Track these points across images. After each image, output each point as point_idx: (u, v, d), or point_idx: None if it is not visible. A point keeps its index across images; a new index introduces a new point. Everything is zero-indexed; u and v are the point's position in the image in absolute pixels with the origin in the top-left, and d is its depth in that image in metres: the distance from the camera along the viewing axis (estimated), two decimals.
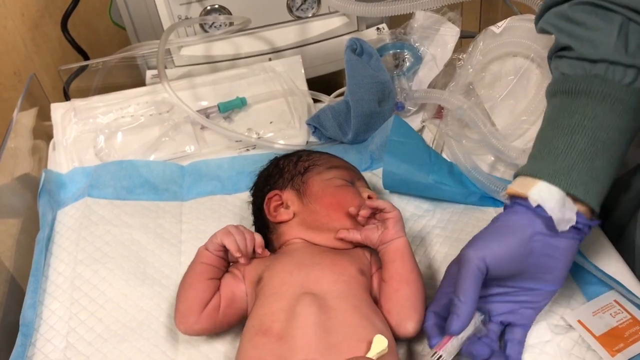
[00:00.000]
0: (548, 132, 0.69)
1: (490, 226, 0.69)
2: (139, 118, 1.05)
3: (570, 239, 0.67)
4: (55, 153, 1.03)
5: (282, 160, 0.88)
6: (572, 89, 0.68)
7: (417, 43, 1.07)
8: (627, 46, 0.66)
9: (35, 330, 0.77)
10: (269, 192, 0.83)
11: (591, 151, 0.65)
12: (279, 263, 0.75)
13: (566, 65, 0.70)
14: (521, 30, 0.95)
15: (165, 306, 0.80)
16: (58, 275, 0.83)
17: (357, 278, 0.73)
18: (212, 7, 1.12)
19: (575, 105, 0.67)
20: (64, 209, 0.91)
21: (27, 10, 1.33)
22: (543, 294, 0.69)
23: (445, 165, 0.93)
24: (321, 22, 1.18)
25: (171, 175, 0.99)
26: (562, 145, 0.66)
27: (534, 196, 0.65)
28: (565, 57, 0.71)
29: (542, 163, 0.67)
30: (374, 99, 1.00)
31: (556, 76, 0.73)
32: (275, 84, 1.11)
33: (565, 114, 0.68)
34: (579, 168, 0.65)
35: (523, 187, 0.67)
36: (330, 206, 0.79)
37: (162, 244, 0.87)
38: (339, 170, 0.85)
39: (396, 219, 0.75)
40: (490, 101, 0.96)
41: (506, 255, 0.65)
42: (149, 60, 1.16)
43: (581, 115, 0.66)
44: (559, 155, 0.66)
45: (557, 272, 0.68)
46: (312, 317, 0.66)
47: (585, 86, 0.67)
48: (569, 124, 0.67)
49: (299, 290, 0.69)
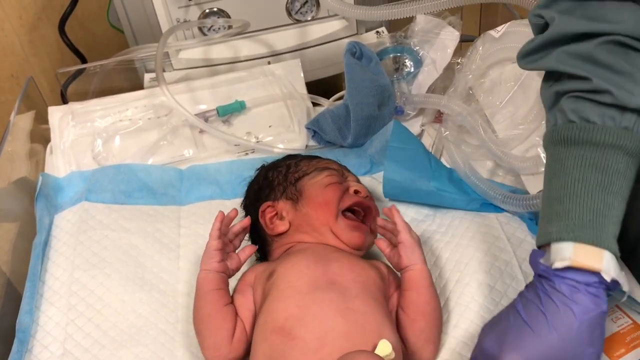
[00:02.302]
0: (578, 188, 0.61)
1: (534, 314, 0.60)
2: (137, 122, 1.05)
3: None
4: (53, 157, 1.02)
5: (271, 172, 0.87)
6: (604, 142, 0.61)
7: (417, 47, 1.07)
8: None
9: (32, 336, 0.76)
10: (261, 205, 0.83)
11: (621, 211, 0.61)
12: (294, 258, 0.74)
13: (593, 111, 0.61)
14: (521, 35, 0.94)
15: (164, 312, 0.79)
16: (55, 281, 0.82)
17: (375, 281, 0.72)
18: (211, 10, 1.12)
19: (606, 162, 0.61)
20: (61, 214, 0.91)
21: (25, 12, 1.32)
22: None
23: (446, 172, 0.92)
24: (320, 25, 1.18)
25: (169, 180, 0.98)
26: (601, 205, 0.60)
27: (611, 271, 0.58)
28: (591, 100, 0.61)
29: (605, 231, 0.60)
30: (373, 103, 1.00)
31: (574, 119, 0.62)
32: (275, 88, 1.11)
33: (597, 170, 0.61)
34: (615, 230, 0.61)
35: (590, 258, 0.59)
36: (319, 207, 0.79)
37: (161, 248, 0.87)
38: (328, 171, 0.84)
39: (407, 245, 0.73)
40: (490, 108, 0.96)
41: (557, 354, 0.59)
42: (147, 63, 1.15)
43: (615, 173, 0.60)
44: (608, 218, 0.60)
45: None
46: (332, 310, 0.65)
47: (616, 140, 0.60)
48: (601, 183, 0.60)
49: (317, 284, 0.68)
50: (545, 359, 0.59)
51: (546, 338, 0.59)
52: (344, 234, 0.78)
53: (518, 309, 0.62)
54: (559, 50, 0.63)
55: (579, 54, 0.62)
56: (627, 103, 0.59)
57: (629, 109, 0.60)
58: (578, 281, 0.59)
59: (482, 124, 0.92)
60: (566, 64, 0.63)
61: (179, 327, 0.78)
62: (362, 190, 0.83)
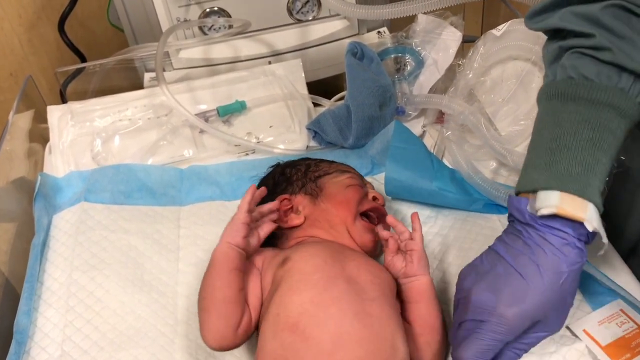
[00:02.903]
0: (569, 140, 0.63)
1: (525, 264, 0.62)
2: (137, 121, 1.04)
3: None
4: (52, 156, 1.01)
5: (289, 169, 0.87)
6: (599, 99, 0.63)
7: (418, 47, 1.06)
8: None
9: (30, 338, 0.75)
10: (276, 198, 0.82)
11: (608, 168, 0.63)
12: (310, 248, 0.72)
13: (592, 68, 0.64)
14: (522, 33, 0.94)
15: (163, 314, 0.78)
16: (53, 282, 0.81)
17: (390, 285, 0.71)
18: (212, 10, 1.11)
19: (599, 119, 0.63)
20: (60, 214, 0.90)
21: (24, 11, 1.32)
22: (538, 339, 0.64)
23: (448, 172, 0.92)
24: (321, 25, 1.17)
25: (169, 180, 0.97)
26: (590, 159, 0.62)
27: (594, 222, 0.60)
28: (592, 57, 0.64)
29: (589, 181, 0.61)
30: (374, 104, 0.99)
31: (573, 75, 0.65)
32: (275, 88, 1.10)
33: (589, 126, 0.63)
34: (600, 185, 0.62)
35: (576, 208, 0.61)
36: (339, 204, 0.79)
37: (160, 250, 0.86)
38: (350, 174, 0.85)
39: (422, 254, 0.72)
40: (492, 106, 0.96)
41: (546, 304, 0.61)
42: (147, 62, 1.15)
43: (606, 131, 0.62)
44: (595, 172, 0.62)
45: (566, 311, 0.63)
46: (350, 312, 0.63)
47: (611, 99, 0.62)
48: (592, 138, 0.62)
49: (334, 281, 0.66)
50: (538, 308, 0.61)
51: (540, 288, 0.60)
52: (359, 235, 0.78)
53: (506, 259, 0.64)
54: (565, 10, 0.66)
55: (585, 14, 0.64)
56: (625, 64, 0.62)
57: (627, 70, 0.62)
58: (566, 232, 0.61)
59: (484, 122, 0.92)
60: (572, 23, 0.65)
61: (179, 329, 0.77)
62: (380, 198, 0.84)
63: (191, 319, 0.78)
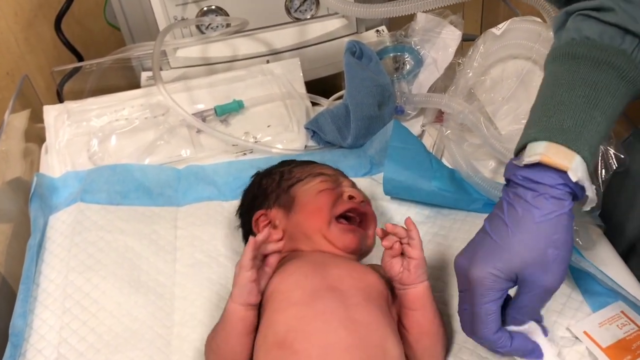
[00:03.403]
0: (565, 96, 0.62)
1: (497, 225, 0.61)
2: (134, 121, 1.03)
3: None
4: (48, 156, 1.01)
5: (265, 179, 0.85)
6: (599, 58, 0.62)
7: (417, 46, 1.06)
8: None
9: (25, 340, 0.75)
10: (254, 214, 0.81)
11: (604, 128, 0.62)
12: (289, 267, 0.71)
13: (594, 29, 0.63)
14: (522, 31, 0.94)
15: (160, 315, 0.78)
16: (49, 283, 0.81)
17: (376, 286, 0.70)
18: (209, 8, 1.11)
19: (597, 78, 0.62)
20: (56, 214, 0.89)
21: (21, 9, 1.31)
22: (531, 299, 0.63)
23: (447, 172, 0.91)
24: (320, 24, 1.17)
25: (166, 180, 0.97)
26: (584, 115, 0.61)
27: (579, 173, 0.59)
28: (595, 18, 0.64)
29: (573, 133, 0.60)
30: (373, 103, 0.99)
31: (575, 36, 0.65)
32: (273, 87, 1.10)
33: (586, 84, 0.62)
34: (593, 142, 0.61)
35: (560, 157, 0.60)
36: (311, 214, 0.77)
37: (157, 250, 0.85)
38: (322, 177, 0.82)
39: (420, 262, 0.69)
40: (492, 104, 0.95)
41: (520, 259, 0.60)
42: (144, 61, 1.14)
43: (603, 90, 0.61)
44: (588, 128, 0.61)
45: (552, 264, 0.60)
46: (335, 321, 0.63)
47: (611, 59, 0.62)
48: (587, 95, 0.61)
49: (316, 294, 0.66)
50: (512, 266, 0.60)
51: (509, 246, 0.60)
52: (338, 239, 0.75)
53: (485, 225, 0.64)
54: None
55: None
56: (629, 26, 0.61)
57: (631, 32, 0.61)
58: (542, 183, 0.59)
59: (484, 121, 0.91)
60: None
61: (175, 331, 0.77)
62: (357, 195, 0.80)
63: (188, 321, 0.77)
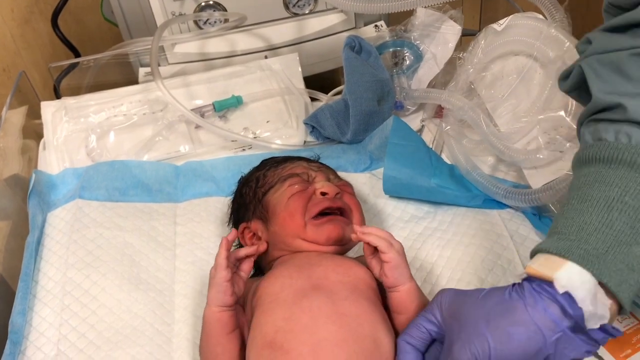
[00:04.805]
0: (578, 204, 0.56)
1: (493, 310, 0.55)
2: (132, 117, 1.03)
3: (583, 355, 0.53)
4: (46, 153, 1.00)
5: (245, 188, 0.84)
6: (612, 156, 0.56)
7: (417, 41, 1.05)
8: None
9: (25, 337, 0.75)
10: (238, 226, 0.80)
11: (630, 234, 0.53)
12: (275, 271, 0.71)
13: (607, 130, 0.58)
14: (524, 28, 0.93)
15: (160, 312, 0.78)
16: (48, 280, 0.80)
17: (364, 279, 0.69)
18: (207, 3, 1.10)
19: (614, 177, 0.55)
20: (55, 211, 0.89)
21: (17, 5, 1.30)
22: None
23: (447, 168, 0.91)
24: (318, 19, 1.16)
25: (165, 176, 0.96)
26: (596, 221, 0.54)
27: (562, 280, 0.52)
28: (607, 120, 0.58)
29: (571, 241, 0.54)
30: (373, 98, 0.99)
31: (589, 142, 0.60)
32: (272, 82, 1.09)
33: (602, 186, 0.56)
34: (615, 253, 0.53)
35: (546, 267, 0.54)
36: (285, 222, 0.75)
37: (157, 247, 0.85)
38: (291, 179, 0.78)
39: (393, 265, 0.66)
40: (492, 101, 0.95)
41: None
42: (142, 57, 1.14)
43: (622, 189, 0.54)
44: (591, 233, 0.54)
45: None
46: (322, 317, 0.62)
47: (629, 156, 0.55)
48: (606, 198, 0.55)
49: (302, 292, 0.65)
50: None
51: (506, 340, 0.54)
52: (317, 235, 0.73)
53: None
54: (592, 58, 0.61)
55: (608, 61, 0.59)
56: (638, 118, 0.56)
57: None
58: (538, 290, 0.54)
59: (484, 118, 0.91)
60: (590, 69, 0.61)
61: (176, 329, 0.77)
62: (329, 190, 0.76)
63: (189, 319, 0.77)
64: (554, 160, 0.85)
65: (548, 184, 0.79)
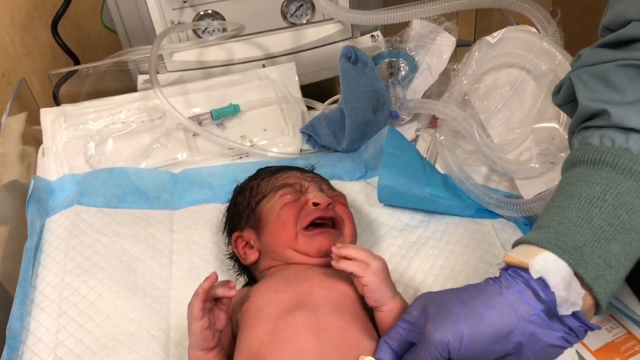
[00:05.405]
0: (560, 202, 0.59)
1: (468, 295, 0.57)
2: (130, 124, 1.04)
3: (559, 343, 0.55)
4: (45, 159, 1.01)
5: (239, 197, 0.85)
6: (596, 159, 0.59)
7: (412, 52, 1.06)
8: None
9: (22, 342, 0.75)
10: (232, 235, 0.81)
11: (609, 231, 0.56)
12: (263, 284, 0.72)
13: (593, 135, 0.61)
14: (517, 41, 0.95)
15: (157, 318, 0.78)
16: (46, 286, 0.81)
17: (349, 294, 0.69)
18: (206, 13, 1.11)
19: (597, 177, 0.58)
20: (53, 217, 0.90)
21: (17, 12, 1.31)
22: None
23: (440, 178, 0.92)
24: (315, 28, 1.18)
25: (162, 183, 0.97)
26: (575, 217, 0.57)
27: (537, 266, 0.55)
28: (594, 126, 0.61)
29: (550, 233, 0.57)
30: (368, 108, 1.00)
31: (577, 148, 0.63)
32: (269, 91, 1.10)
33: (584, 184, 0.58)
34: (593, 247, 0.55)
35: (524, 255, 0.56)
36: (276, 232, 0.75)
37: (154, 254, 0.86)
38: (284, 189, 0.79)
39: (372, 288, 0.65)
40: (485, 112, 0.96)
41: (480, 343, 0.54)
42: (141, 65, 1.15)
43: (603, 188, 0.57)
44: (571, 227, 0.56)
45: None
46: (304, 331, 0.63)
47: (611, 158, 0.58)
48: (587, 196, 0.57)
49: (287, 308, 0.66)
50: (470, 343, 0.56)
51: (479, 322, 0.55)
52: (308, 247, 0.74)
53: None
54: (582, 70, 0.64)
55: (595, 73, 0.62)
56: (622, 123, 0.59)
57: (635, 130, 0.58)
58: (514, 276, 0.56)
59: (477, 129, 0.92)
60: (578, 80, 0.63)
61: (172, 335, 0.77)
62: (321, 200, 0.76)
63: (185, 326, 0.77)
64: (545, 171, 0.87)
65: (539, 195, 0.80)
